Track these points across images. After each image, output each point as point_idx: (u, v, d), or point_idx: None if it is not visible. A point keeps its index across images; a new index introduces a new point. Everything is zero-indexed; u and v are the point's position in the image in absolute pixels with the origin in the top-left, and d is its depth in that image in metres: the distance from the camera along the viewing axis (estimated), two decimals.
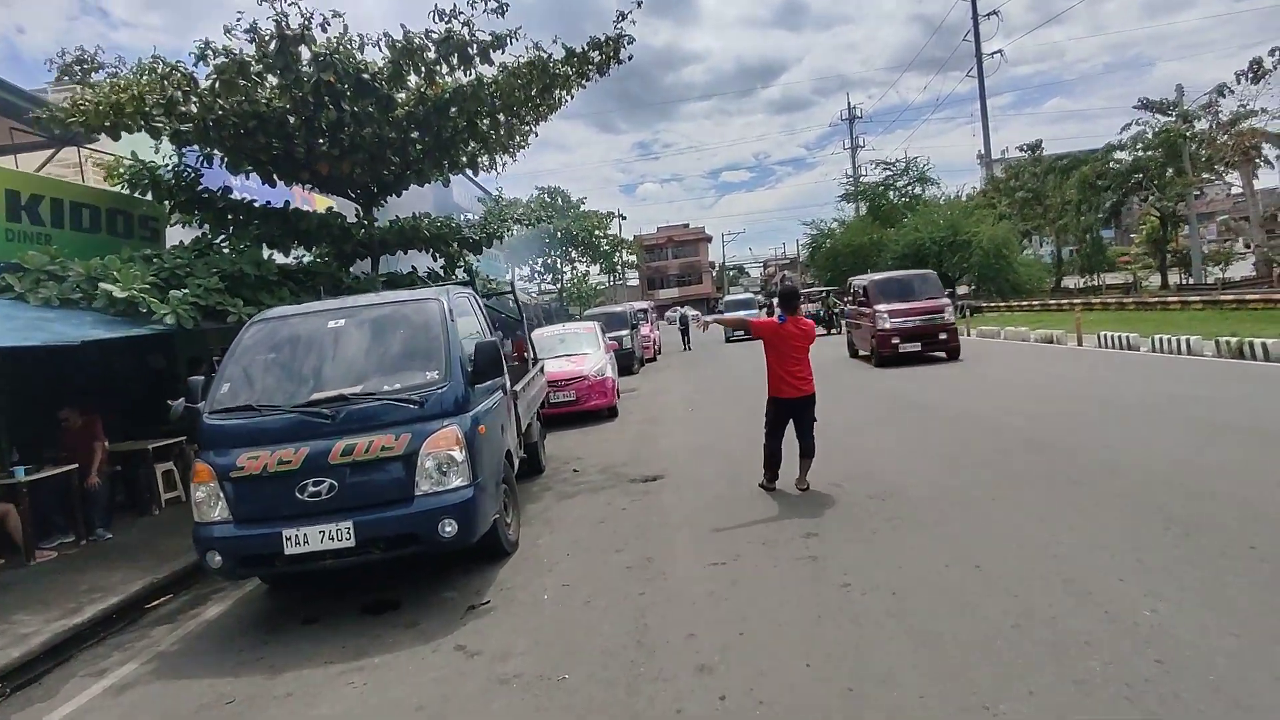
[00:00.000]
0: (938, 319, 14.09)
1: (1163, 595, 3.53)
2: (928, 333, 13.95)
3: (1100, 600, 3.56)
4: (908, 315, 14.03)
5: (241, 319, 6.35)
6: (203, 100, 7.43)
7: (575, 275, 33.63)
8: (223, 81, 7.19)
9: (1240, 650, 2.98)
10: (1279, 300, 16.02)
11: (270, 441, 4.46)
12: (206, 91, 7.42)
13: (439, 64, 7.90)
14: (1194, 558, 3.94)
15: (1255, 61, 25.21)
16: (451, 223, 10.48)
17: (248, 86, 7.43)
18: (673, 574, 4.65)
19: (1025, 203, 35.99)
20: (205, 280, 6.59)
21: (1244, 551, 3.94)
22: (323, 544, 4.30)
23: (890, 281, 15.56)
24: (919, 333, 13.95)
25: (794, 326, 6.15)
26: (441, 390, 4.70)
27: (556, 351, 12.35)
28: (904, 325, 13.95)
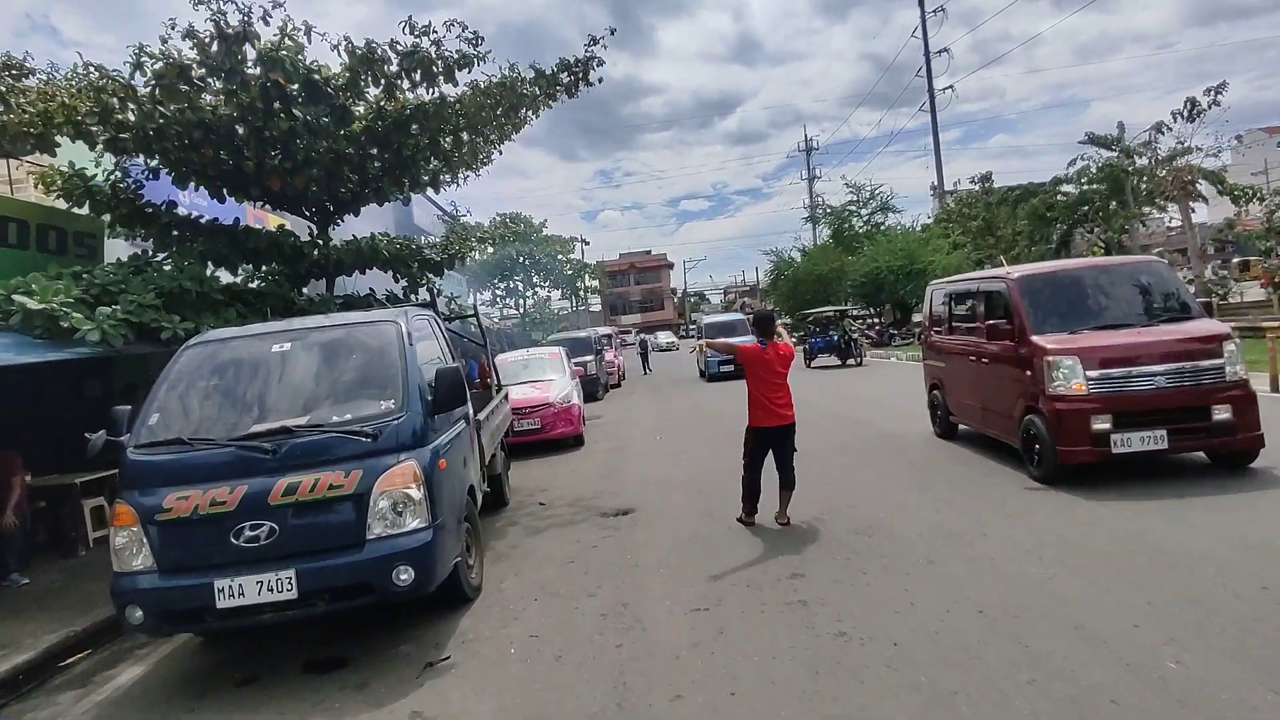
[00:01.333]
0: (1208, 374, 5.94)
1: (1184, 644, 3.29)
2: (1185, 405, 5.90)
3: (1117, 649, 3.31)
4: (1133, 361, 6.00)
5: (177, 336, 5.82)
6: (142, 108, 6.89)
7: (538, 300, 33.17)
8: (163, 87, 6.67)
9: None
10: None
11: (203, 480, 3.97)
12: (146, 99, 6.89)
13: (400, 78, 7.52)
14: (1205, 600, 3.73)
15: (1191, 101, 26.39)
16: (412, 243, 10.04)
17: (190, 93, 6.92)
18: (651, 622, 4.27)
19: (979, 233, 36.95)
20: (140, 297, 6.03)
21: (1257, 593, 3.75)
22: (260, 596, 3.81)
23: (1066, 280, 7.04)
24: (1165, 406, 5.92)
25: (774, 351, 5.91)
26: (398, 421, 4.27)
27: (521, 378, 11.93)
28: (1126, 390, 5.96)
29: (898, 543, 5.15)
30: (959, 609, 3.95)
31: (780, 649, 3.72)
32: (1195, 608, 3.65)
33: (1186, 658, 3.18)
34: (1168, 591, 3.87)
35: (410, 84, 7.70)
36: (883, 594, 4.28)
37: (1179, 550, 4.44)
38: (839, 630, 3.85)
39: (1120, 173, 28.29)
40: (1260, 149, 50.65)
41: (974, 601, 4.02)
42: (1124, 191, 28.21)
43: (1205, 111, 25.98)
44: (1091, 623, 3.61)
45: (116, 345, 5.70)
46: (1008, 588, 4.16)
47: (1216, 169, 28.16)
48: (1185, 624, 3.49)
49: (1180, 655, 3.20)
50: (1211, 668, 3.08)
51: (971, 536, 5.10)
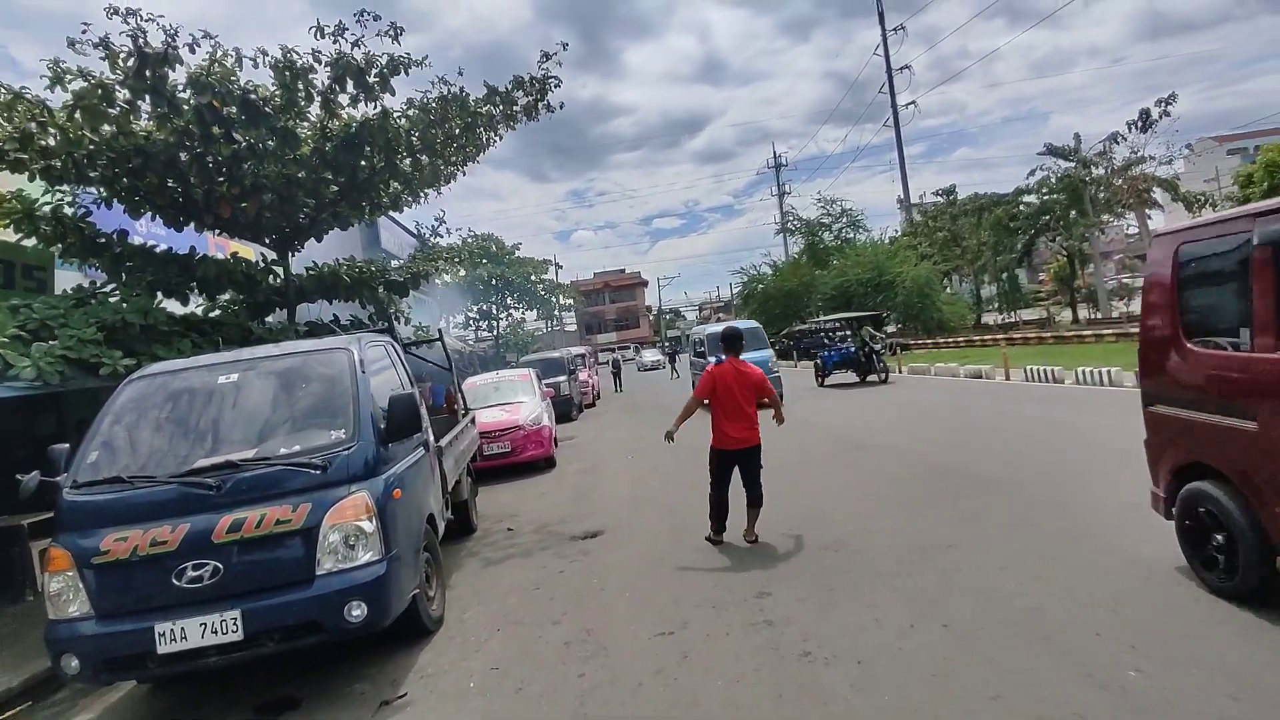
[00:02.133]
0: None
1: (1145, 652, 3.28)
2: None
3: (1081, 660, 3.28)
4: None
5: (116, 372, 5.62)
6: (65, 133, 6.68)
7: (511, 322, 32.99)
8: (83, 109, 6.41)
9: (1248, 717, 2.72)
10: None
11: (143, 519, 3.80)
12: (67, 121, 6.66)
13: (333, 90, 7.37)
14: (1165, 606, 3.73)
15: (1144, 112, 27.30)
16: (373, 266, 9.91)
17: (119, 116, 6.67)
18: (615, 649, 4.16)
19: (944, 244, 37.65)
20: (80, 331, 5.82)
21: (1212, 597, 3.75)
22: (204, 639, 3.65)
23: None
24: None
25: (731, 368, 5.84)
26: (348, 451, 4.14)
27: (490, 400, 11.77)
28: None
29: (865, 557, 5.11)
30: (924, 624, 3.90)
31: (744, 672, 3.64)
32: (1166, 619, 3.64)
33: (1147, 665, 3.16)
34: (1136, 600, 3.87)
35: (349, 97, 7.57)
36: (850, 611, 4.22)
37: None
38: (804, 650, 3.78)
39: (1078, 182, 29.06)
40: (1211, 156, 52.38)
41: (941, 616, 3.98)
42: (1083, 201, 28.95)
43: (1157, 122, 26.82)
44: (1059, 634, 3.58)
45: (53, 382, 5.48)
46: (975, 602, 4.12)
47: (1170, 177, 29.01)
48: (1145, 630, 3.48)
49: (1140, 663, 3.18)
50: (1174, 677, 3.06)
51: (939, 549, 5.08)
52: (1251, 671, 3.02)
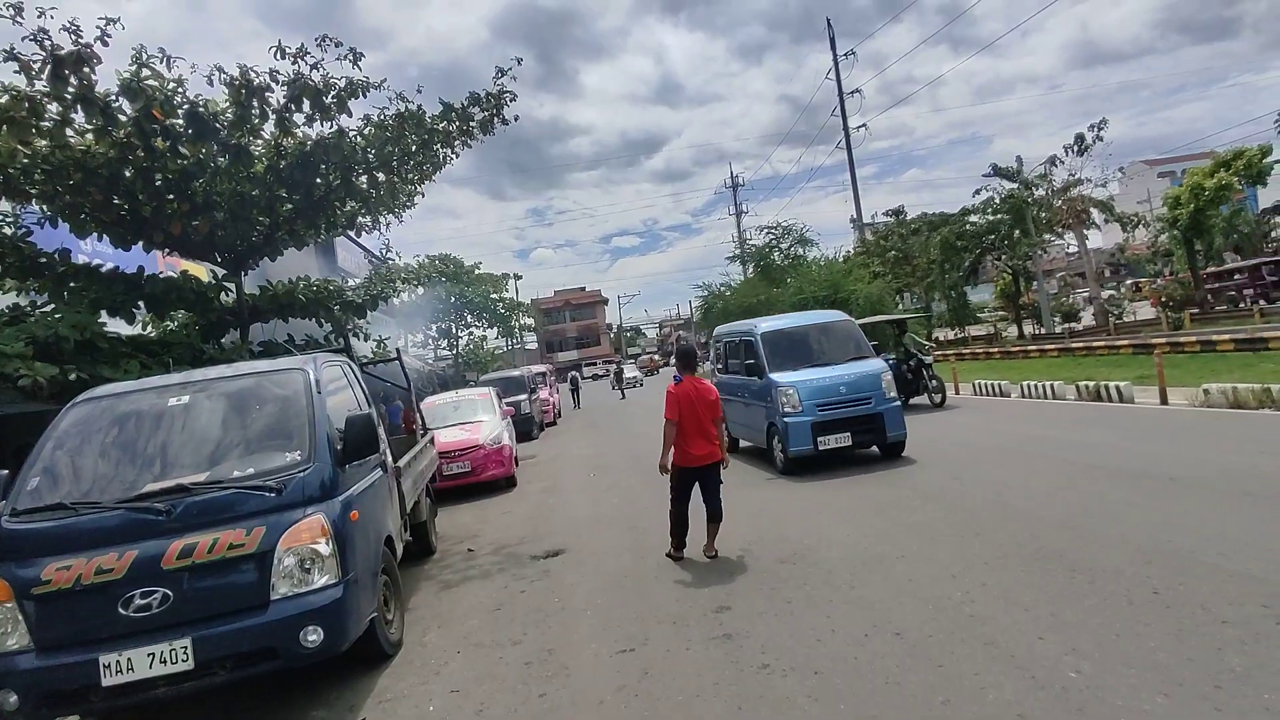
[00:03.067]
0: None
1: (1084, 653, 3.43)
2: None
3: (1024, 664, 3.42)
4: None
5: (37, 384, 5.42)
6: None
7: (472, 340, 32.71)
8: (10, 123, 6.17)
9: (1171, 711, 2.88)
10: (1120, 346, 17.64)
11: (88, 546, 3.69)
12: None
13: (289, 110, 7.31)
14: (1103, 608, 3.91)
15: (1079, 136, 28.60)
16: (331, 285, 9.78)
17: (50, 129, 6.44)
18: (576, 667, 4.17)
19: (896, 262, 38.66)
20: (8, 346, 5.59)
21: (1148, 597, 3.96)
22: (152, 669, 3.55)
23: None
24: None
25: (691, 387, 5.93)
26: (304, 473, 4.09)
27: (450, 420, 11.66)
28: None
29: (821, 569, 5.22)
30: (878, 633, 4.01)
31: (704, 686, 3.69)
32: (1101, 618, 3.82)
33: (1085, 665, 3.32)
34: (1073, 602, 4.04)
35: (304, 117, 7.51)
36: (807, 622, 4.31)
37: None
38: (763, 663, 3.85)
39: (1021, 203, 30.19)
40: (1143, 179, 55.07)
41: (893, 625, 4.10)
42: (1026, 220, 30.07)
43: (1091, 146, 28.09)
44: (1003, 638, 3.72)
45: None
46: (926, 609, 4.26)
47: (1105, 198, 30.35)
48: (1083, 633, 3.64)
49: (1079, 664, 3.34)
50: (1109, 675, 3.22)
51: (891, 559, 5.22)
52: (1178, 667, 3.19)
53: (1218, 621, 3.59)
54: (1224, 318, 23.03)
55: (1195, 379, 11.49)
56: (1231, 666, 3.16)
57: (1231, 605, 3.73)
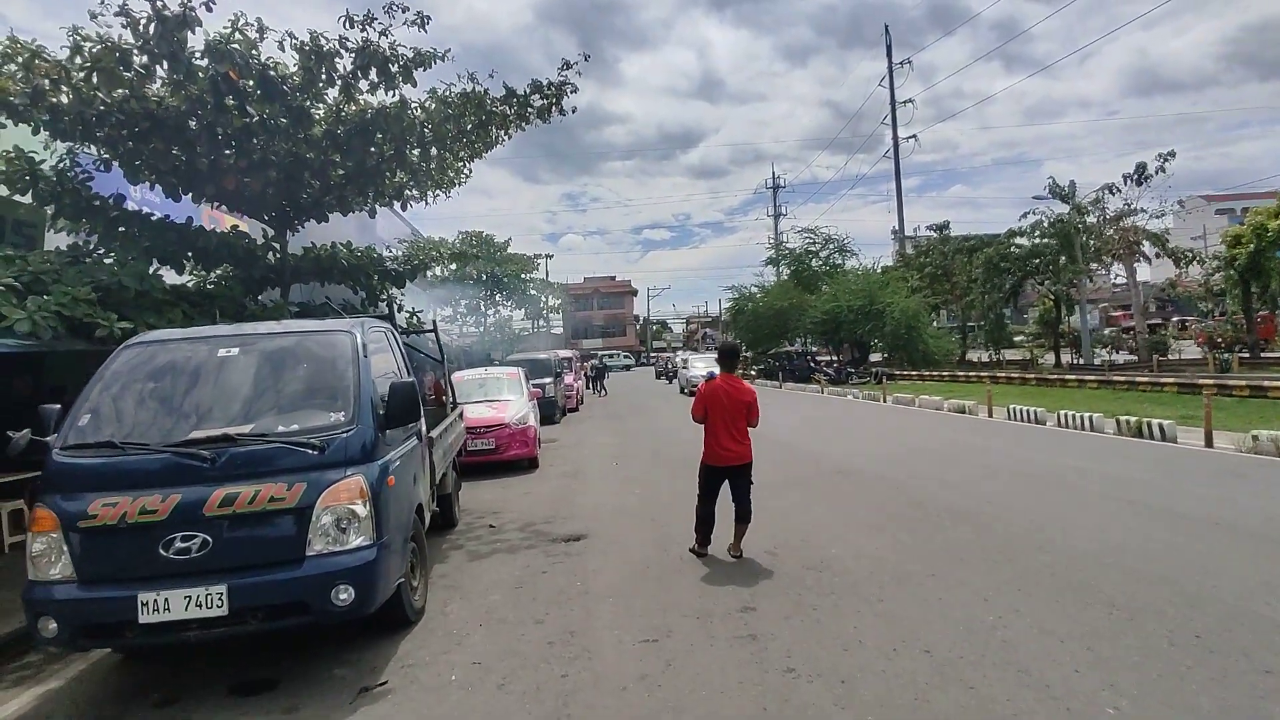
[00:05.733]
0: None
1: (1123, 690, 3.34)
2: None
3: (1060, 695, 3.34)
4: None
5: (114, 335, 5.54)
6: (79, 92, 6.60)
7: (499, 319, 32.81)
8: (100, 71, 6.34)
9: None
10: (1165, 384, 17.20)
11: (133, 486, 3.76)
12: (82, 82, 6.59)
13: (355, 76, 7.38)
14: (1143, 647, 3.80)
15: (1141, 165, 27.82)
16: (373, 253, 9.87)
17: (132, 79, 6.61)
18: (599, 652, 4.16)
19: (934, 278, 38.11)
20: (75, 290, 5.74)
21: (1190, 640, 3.84)
22: (188, 612, 3.61)
23: None
24: None
25: (725, 385, 5.88)
26: (347, 434, 4.13)
27: (476, 396, 11.73)
28: None
29: (848, 580, 5.15)
30: (906, 649, 3.95)
31: (729, 684, 3.65)
32: (1139, 656, 3.71)
33: (1123, 703, 3.22)
34: (1110, 638, 3.94)
35: (369, 85, 7.57)
36: (833, 631, 4.26)
37: None
38: (788, 666, 3.81)
39: (1071, 228, 29.50)
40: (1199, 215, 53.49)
41: (922, 642, 4.02)
42: (1074, 247, 29.40)
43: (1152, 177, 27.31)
44: (1038, 668, 3.64)
45: (46, 339, 5.39)
46: (957, 630, 4.17)
47: (1160, 231, 29.55)
48: (1121, 670, 3.54)
49: (1117, 701, 3.25)
50: (1147, 713, 3.12)
51: (921, 577, 5.14)
52: (1218, 713, 3.08)
53: (1261, 670, 3.47)
54: (1275, 364, 22.31)
55: (1243, 424, 11.16)
56: (1274, 715, 3.05)
57: (1275, 655, 3.61)
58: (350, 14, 7.12)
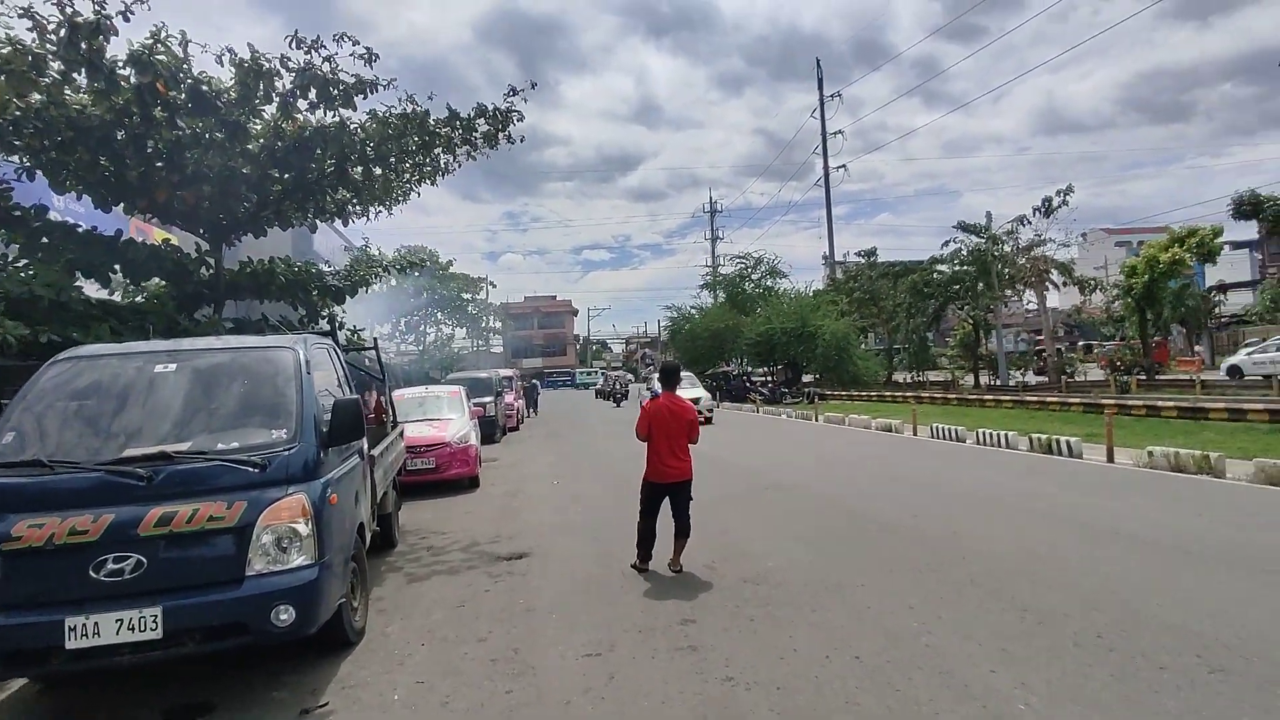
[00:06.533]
0: None
1: (1033, 688, 3.62)
2: None
3: (977, 694, 3.60)
4: None
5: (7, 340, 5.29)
6: None
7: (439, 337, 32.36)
8: (10, 74, 6.09)
9: None
10: (1072, 404, 18.36)
11: (63, 506, 3.63)
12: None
13: (295, 95, 7.31)
14: (1052, 648, 4.12)
15: (1047, 199, 29.77)
16: (312, 268, 9.69)
17: (48, 85, 6.37)
18: (543, 667, 4.22)
19: (863, 302, 39.65)
20: None
21: (1093, 640, 4.18)
22: (119, 635, 3.49)
23: None
24: None
25: (668, 404, 6.06)
26: (289, 452, 4.09)
27: (417, 415, 11.57)
28: None
29: (784, 591, 5.36)
30: (838, 656, 4.16)
31: (670, 694, 3.78)
32: (1049, 656, 4.02)
33: (1033, 700, 3.50)
34: (1024, 640, 4.25)
35: (308, 104, 7.51)
36: (770, 640, 4.44)
37: None
38: (727, 675, 3.96)
39: (988, 257, 31.22)
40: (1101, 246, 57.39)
41: (853, 649, 4.24)
42: (990, 274, 31.10)
43: (1057, 209, 29.26)
44: (958, 669, 3.90)
45: None
46: (885, 637, 4.42)
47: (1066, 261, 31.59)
48: (1032, 669, 3.84)
49: (1028, 698, 3.53)
50: (1056, 711, 3.40)
51: (852, 587, 5.39)
52: (1118, 707, 3.39)
53: (1156, 668, 3.82)
54: (1168, 386, 24.09)
55: (1140, 441, 12.05)
56: (1167, 708, 3.38)
57: (1169, 654, 3.97)
58: (298, 35, 7.06)
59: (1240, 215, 22.13)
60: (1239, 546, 6.08)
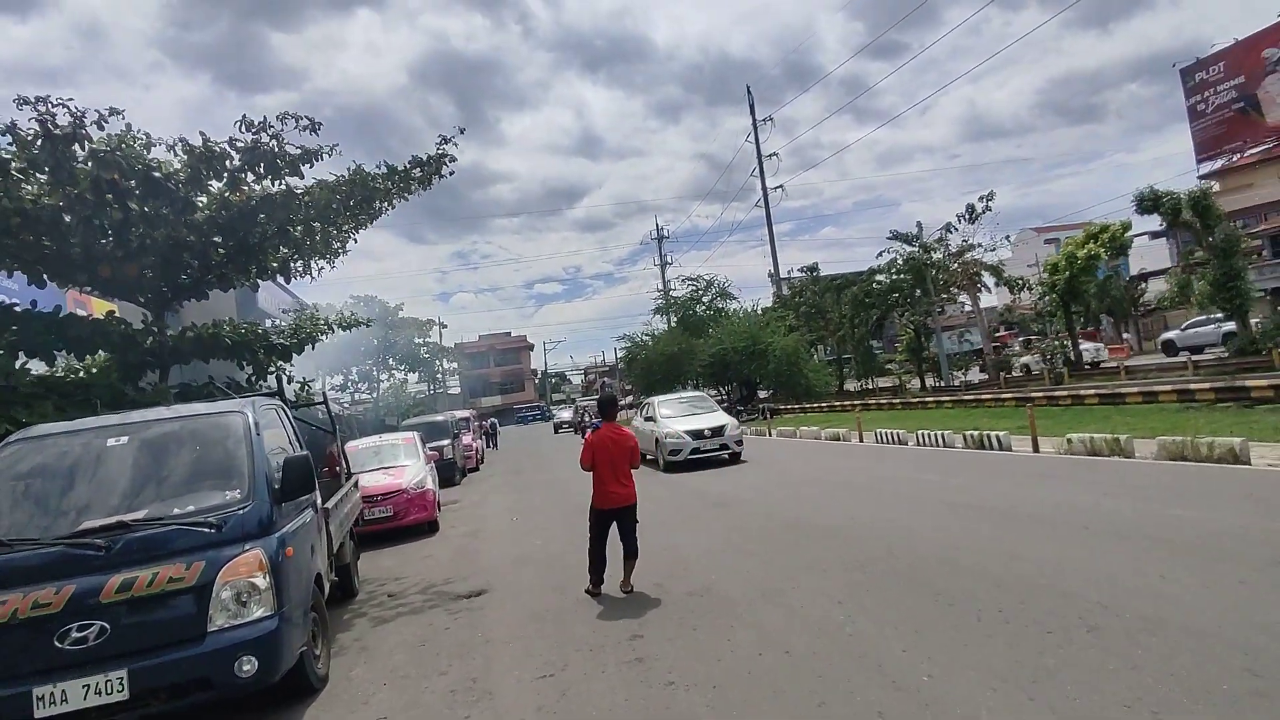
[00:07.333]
0: None
1: (936, 660, 4.07)
2: None
3: (889, 671, 4.02)
4: None
5: None
6: None
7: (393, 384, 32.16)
8: None
9: (996, 703, 3.51)
10: (1006, 399, 19.32)
11: (24, 582, 3.82)
12: None
13: (244, 171, 7.62)
14: (957, 625, 4.58)
15: (970, 206, 31.37)
16: (257, 328, 9.83)
17: (7, 183, 6.60)
18: (500, 692, 4.51)
19: (810, 316, 40.78)
20: None
21: (994, 615, 4.66)
22: (87, 700, 3.68)
23: None
24: None
25: (609, 434, 6.44)
26: (243, 510, 4.34)
27: (372, 464, 11.70)
28: None
29: (725, 599, 5.75)
30: (770, 652, 4.55)
31: (617, 703, 4.10)
32: (954, 633, 4.48)
33: (936, 670, 3.94)
34: (935, 621, 4.71)
35: (255, 177, 7.80)
36: (709, 645, 4.81)
37: None
38: (669, 680, 4.31)
39: (921, 265, 32.57)
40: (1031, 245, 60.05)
41: (784, 645, 4.64)
42: (925, 281, 32.43)
43: (981, 215, 30.81)
44: (874, 652, 4.32)
45: None
46: (813, 631, 4.83)
47: (995, 263, 33.12)
48: (938, 647, 4.29)
49: (932, 670, 3.97)
50: (953, 677, 3.85)
51: (788, 590, 5.81)
52: (1007, 668, 3.85)
53: (1044, 632, 4.30)
54: (1097, 374, 25.44)
55: (1064, 429, 12.85)
56: (1047, 665, 3.85)
57: (1056, 619, 4.47)
58: (247, 118, 7.41)
59: (1143, 210, 23.67)
60: (1131, 520, 6.70)
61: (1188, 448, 9.38)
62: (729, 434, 14.92)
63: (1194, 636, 3.99)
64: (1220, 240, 21.75)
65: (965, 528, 7.15)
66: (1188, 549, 5.63)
